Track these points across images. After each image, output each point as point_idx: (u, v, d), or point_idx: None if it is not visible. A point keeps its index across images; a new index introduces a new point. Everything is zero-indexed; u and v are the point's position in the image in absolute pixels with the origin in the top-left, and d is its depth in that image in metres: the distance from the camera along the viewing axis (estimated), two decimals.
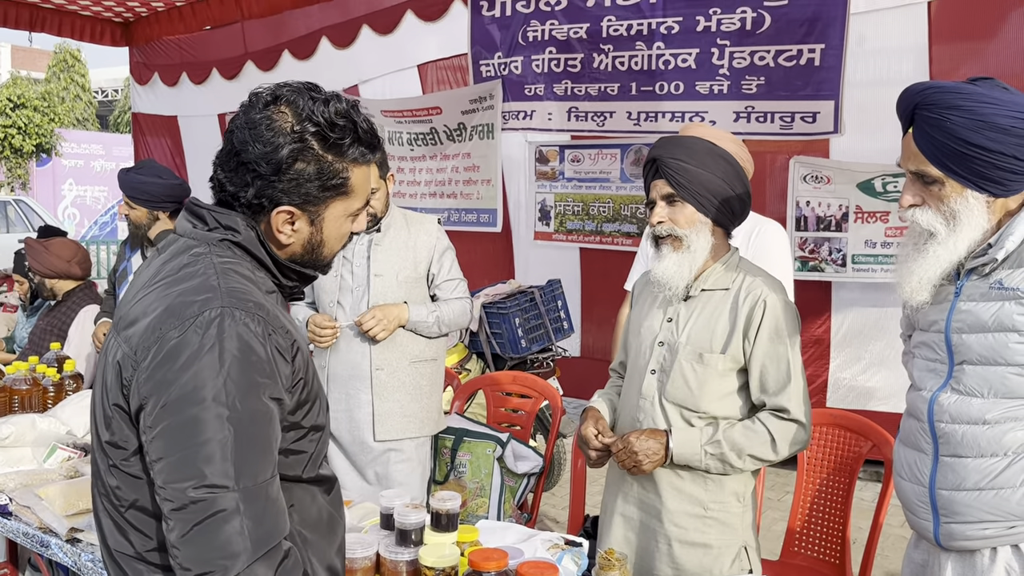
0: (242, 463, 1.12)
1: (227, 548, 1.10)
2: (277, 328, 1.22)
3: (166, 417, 1.13)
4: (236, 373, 1.14)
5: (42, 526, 2.26)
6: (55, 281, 4.08)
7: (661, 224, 2.04)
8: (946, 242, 1.67)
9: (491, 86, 5.88)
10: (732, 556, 2.07)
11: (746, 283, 2.05)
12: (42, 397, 2.92)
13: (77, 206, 20.74)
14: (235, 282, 1.24)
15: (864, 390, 5.14)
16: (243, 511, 1.11)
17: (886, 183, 4.84)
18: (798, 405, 2.00)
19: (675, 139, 2.09)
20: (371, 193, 1.45)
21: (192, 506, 1.10)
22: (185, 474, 1.10)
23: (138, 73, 8.16)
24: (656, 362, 2.10)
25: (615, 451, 2.07)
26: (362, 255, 2.94)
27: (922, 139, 1.64)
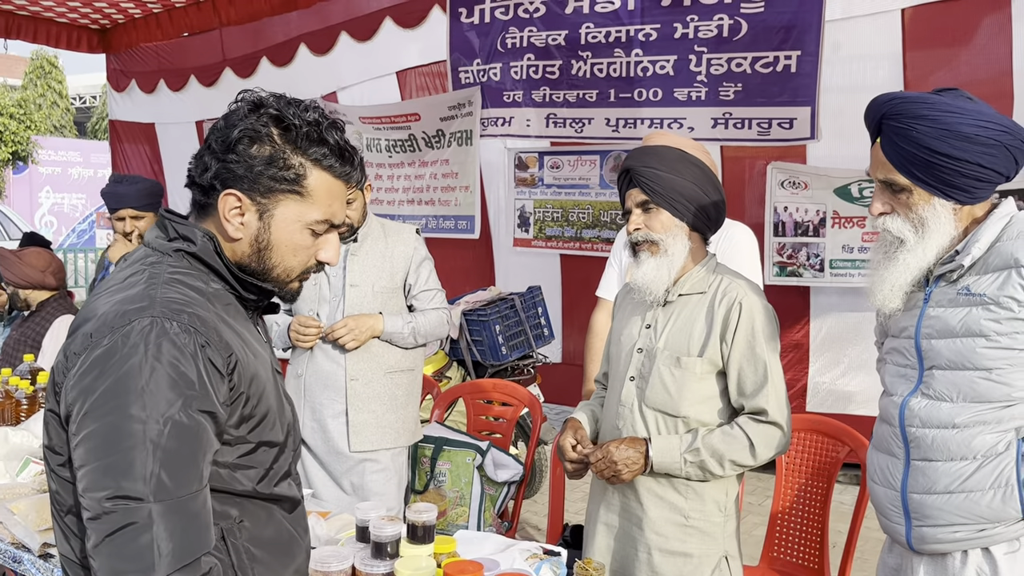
0: (162, 477, 1.10)
1: (139, 561, 1.08)
2: (213, 341, 1.19)
3: (88, 424, 1.12)
4: (161, 384, 1.12)
5: (14, 541, 2.23)
6: (29, 292, 4.04)
7: (638, 231, 2.06)
8: (915, 249, 1.70)
9: (470, 93, 5.88)
10: (712, 566, 2.06)
11: (722, 286, 2.06)
12: (15, 410, 2.88)
13: (54, 214, 20.52)
14: (176, 292, 1.22)
15: (843, 394, 5.18)
16: (157, 524, 1.09)
17: (862, 188, 4.89)
18: (777, 407, 2.00)
19: (647, 148, 2.12)
20: (338, 215, 1.36)
21: (105, 516, 1.08)
22: (101, 483, 1.09)
23: (115, 80, 8.10)
24: (635, 368, 2.11)
25: (593, 461, 2.06)
26: (339, 265, 2.93)
27: (889, 148, 1.67)
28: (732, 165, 5.25)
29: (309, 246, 1.34)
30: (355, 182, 1.36)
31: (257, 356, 1.31)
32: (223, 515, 1.26)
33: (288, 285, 1.37)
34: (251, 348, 1.30)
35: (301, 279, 1.39)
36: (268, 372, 1.35)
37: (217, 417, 1.19)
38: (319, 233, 1.34)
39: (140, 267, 1.27)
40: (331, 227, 1.36)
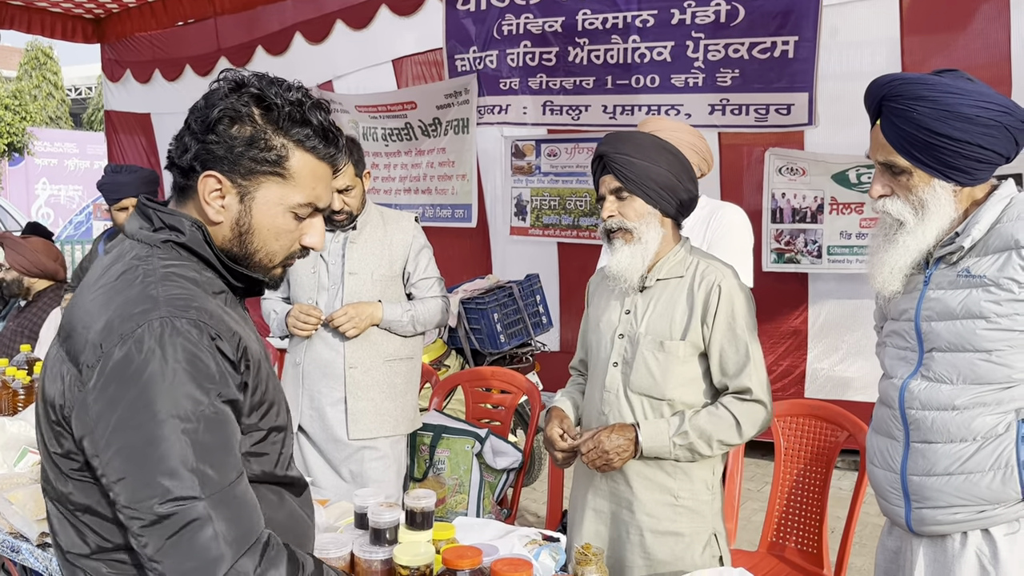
0: (205, 470, 1.10)
1: (206, 555, 1.09)
2: (223, 332, 1.18)
3: (120, 436, 1.10)
4: (184, 382, 1.11)
5: (12, 531, 2.23)
6: (33, 280, 4.04)
7: (612, 218, 2.08)
8: (915, 231, 1.70)
9: (466, 80, 5.85)
10: (703, 543, 2.10)
11: (700, 269, 2.09)
12: (12, 400, 2.88)
13: (51, 205, 20.47)
14: (176, 288, 1.20)
15: (841, 380, 5.18)
16: (215, 517, 1.09)
17: (860, 174, 4.88)
18: (759, 385, 2.05)
19: (622, 135, 2.12)
20: (322, 198, 1.33)
21: (164, 521, 1.08)
22: (150, 491, 1.09)
23: (110, 70, 8.06)
24: (618, 354, 2.13)
25: (585, 451, 2.07)
26: (337, 253, 2.93)
27: (889, 130, 1.67)
28: (729, 152, 5.23)
29: (292, 230, 1.31)
30: (340, 164, 1.33)
31: (258, 343, 1.31)
32: None
33: (271, 271, 1.34)
34: (252, 335, 1.30)
35: (284, 264, 1.36)
36: (266, 359, 1.34)
37: (238, 405, 1.19)
38: (302, 217, 1.31)
39: (132, 263, 1.24)
40: (315, 211, 1.33)
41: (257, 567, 1.11)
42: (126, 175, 3.80)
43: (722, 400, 2.07)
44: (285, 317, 2.92)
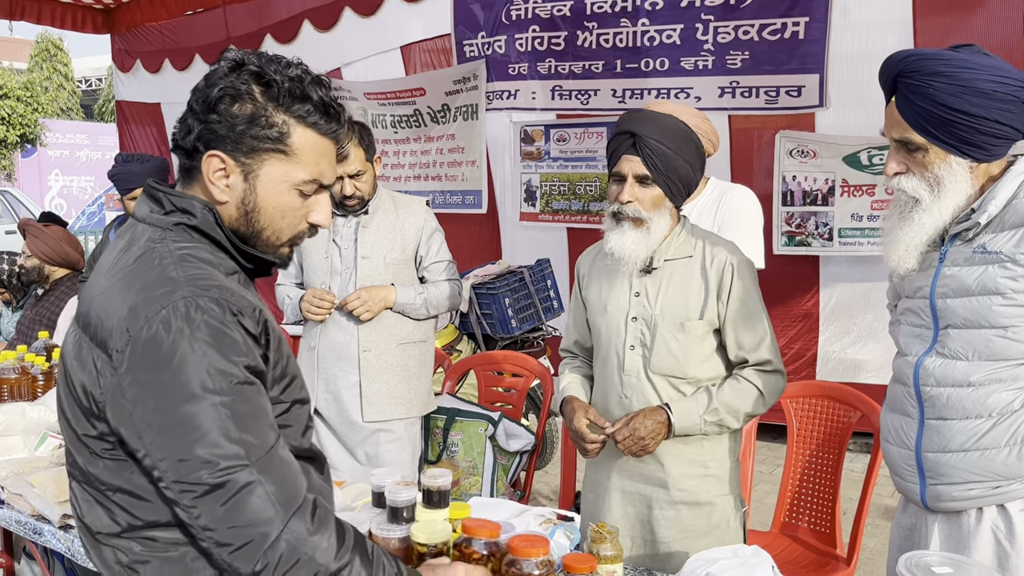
0: (246, 438, 1.13)
1: (260, 516, 1.12)
2: (244, 308, 1.20)
3: (160, 417, 1.13)
4: (214, 358, 1.13)
5: (35, 513, 2.26)
6: (53, 268, 4.08)
7: (629, 204, 2.05)
8: (931, 208, 1.69)
9: (475, 66, 5.84)
10: (732, 508, 2.15)
11: (708, 249, 2.11)
12: (31, 386, 2.91)
13: (64, 196, 20.59)
14: (194, 268, 1.21)
15: (853, 363, 5.18)
16: (263, 480, 1.13)
17: (872, 156, 4.86)
18: (776, 355, 2.11)
19: (654, 116, 2.09)
20: (327, 175, 1.33)
21: (215, 491, 1.11)
22: (196, 465, 1.11)
23: (120, 60, 8.08)
24: (634, 337, 2.13)
25: (620, 439, 2.07)
26: (350, 237, 2.94)
27: (905, 106, 1.66)
28: (740, 135, 5.22)
29: (298, 207, 1.31)
30: (343, 139, 1.34)
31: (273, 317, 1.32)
32: None
33: (279, 249, 1.35)
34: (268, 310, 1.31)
35: (292, 243, 1.36)
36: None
37: (264, 376, 1.22)
38: (308, 194, 1.31)
39: (147, 246, 1.25)
40: (320, 188, 1.33)
41: (309, 527, 1.15)
42: (138, 164, 3.82)
43: (743, 373, 2.11)
44: (299, 302, 2.95)
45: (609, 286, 2.19)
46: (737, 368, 2.13)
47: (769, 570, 1.72)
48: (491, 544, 1.55)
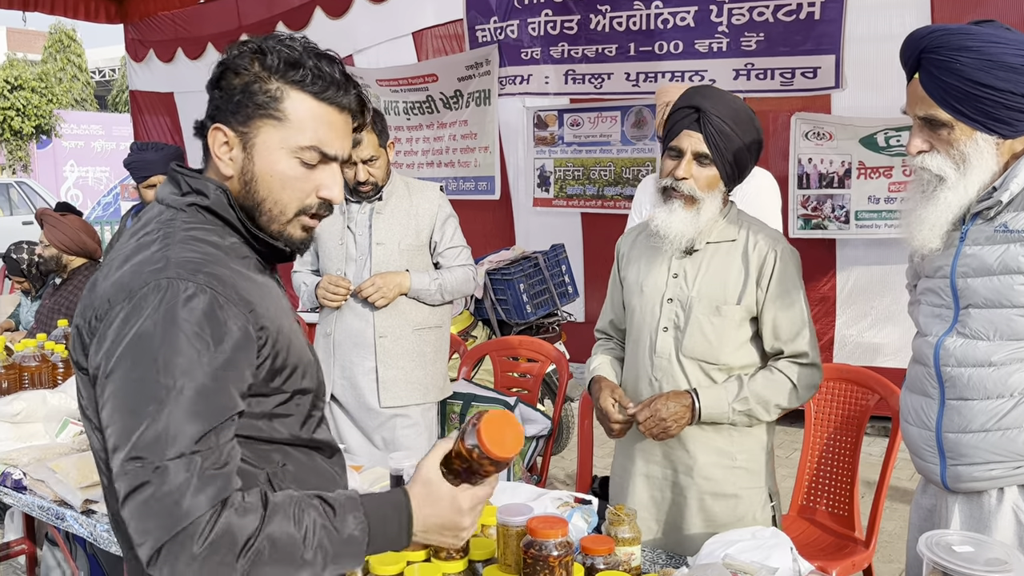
0: (181, 431, 1.09)
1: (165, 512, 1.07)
2: (232, 300, 1.18)
3: (112, 384, 1.13)
4: (178, 343, 1.12)
5: (57, 499, 2.29)
6: (71, 257, 4.11)
7: (685, 181, 1.99)
8: (956, 186, 1.66)
9: (487, 51, 5.82)
10: (760, 503, 2.11)
11: (752, 234, 2.06)
12: (51, 373, 2.95)
13: (80, 187, 20.72)
14: (192, 251, 1.20)
15: (871, 346, 5.15)
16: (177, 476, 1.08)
17: (889, 137, 4.81)
18: (814, 348, 2.05)
19: (722, 95, 2.02)
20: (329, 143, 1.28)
21: (129, 472, 1.09)
22: (122, 444, 1.10)
23: (133, 50, 8.10)
24: (668, 319, 2.08)
25: (642, 419, 2.04)
26: (364, 224, 2.95)
27: (930, 83, 1.63)
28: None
29: (299, 177, 1.28)
30: (348, 107, 1.29)
31: (280, 308, 1.30)
32: (267, 460, 1.27)
33: (286, 226, 1.30)
34: (273, 300, 1.29)
35: (304, 223, 1.31)
36: (292, 322, 1.34)
37: (239, 377, 1.17)
38: (310, 164, 1.28)
39: (156, 225, 1.26)
40: (326, 158, 1.29)
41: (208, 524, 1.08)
42: (153, 152, 3.84)
43: (777, 364, 2.05)
44: (315, 289, 2.96)
45: (648, 266, 2.14)
46: (772, 359, 2.08)
47: (788, 552, 1.72)
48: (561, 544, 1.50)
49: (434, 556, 1.71)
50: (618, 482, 2.26)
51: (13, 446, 2.57)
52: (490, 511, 1.84)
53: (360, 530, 1.15)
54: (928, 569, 1.34)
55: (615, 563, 1.68)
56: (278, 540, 1.09)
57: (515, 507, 1.68)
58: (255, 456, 1.26)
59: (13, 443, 2.58)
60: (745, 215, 2.14)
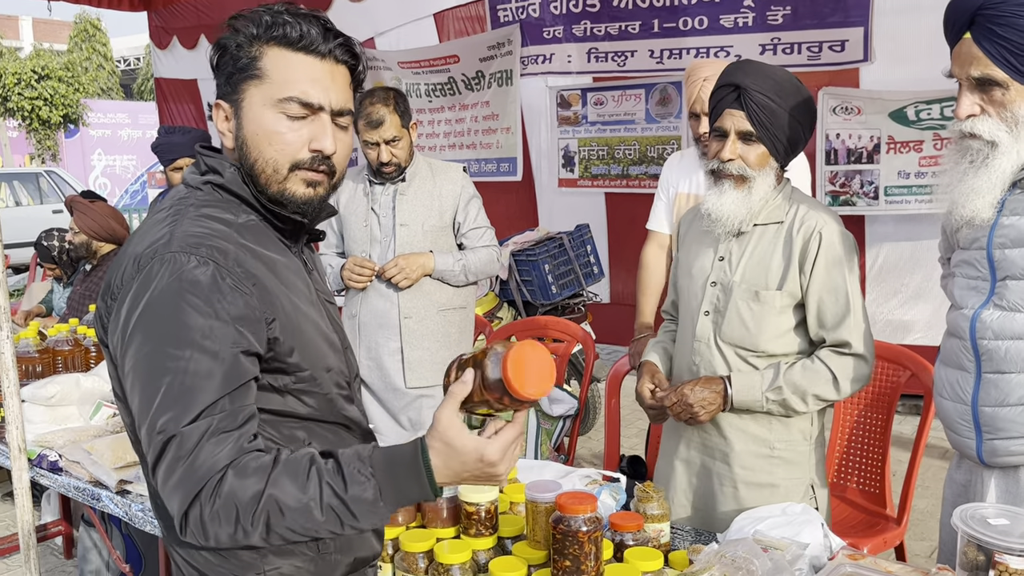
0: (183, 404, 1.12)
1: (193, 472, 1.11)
2: (235, 274, 1.19)
3: (129, 362, 1.16)
4: (181, 314, 1.14)
5: (92, 480, 2.32)
6: (100, 243, 4.16)
7: (732, 162, 1.93)
8: (1009, 151, 1.58)
9: (509, 31, 5.79)
10: (800, 495, 2.03)
11: (799, 214, 1.97)
12: (84, 357, 2.99)
13: (107, 176, 20.95)
14: (199, 226, 1.22)
15: (902, 324, 5.08)
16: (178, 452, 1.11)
17: (919, 111, 4.72)
18: (859, 338, 1.93)
19: (763, 68, 1.95)
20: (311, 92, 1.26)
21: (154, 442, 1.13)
22: (144, 415, 1.14)
23: (157, 37, 8.15)
24: (709, 303, 2.04)
25: (669, 405, 2.02)
26: (388, 205, 2.95)
27: (987, 40, 1.56)
28: None
29: (285, 131, 1.26)
30: (329, 55, 1.28)
31: (291, 285, 1.30)
32: (291, 439, 1.29)
33: (285, 184, 1.28)
34: (283, 277, 1.29)
35: (304, 178, 1.28)
36: (310, 300, 1.34)
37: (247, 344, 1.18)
38: (295, 116, 1.26)
39: (170, 203, 1.30)
40: (311, 108, 1.27)
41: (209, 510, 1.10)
42: (179, 135, 3.87)
43: (819, 353, 1.96)
44: (340, 270, 2.97)
45: (698, 248, 2.10)
46: (817, 348, 1.99)
47: (819, 528, 1.71)
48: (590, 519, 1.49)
49: (463, 533, 1.72)
50: (662, 466, 2.24)
51: (48, 429, 2.61)
52: (518, 488, 1.85)
53: (371, 492, 1.11)
54: (963, 542, 1.33)
55: (644, 539, 1.68)
56: (283, 502, 1.09)
57: (544, 484, 1.69)
58: (278, 434, 1.27)
59: (48, 426, 2.63)
60: (800, 194, 2.04)
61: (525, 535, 1.71)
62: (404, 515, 1.78)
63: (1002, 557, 1.26)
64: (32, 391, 2.64)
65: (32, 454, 2.50)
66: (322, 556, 1.33)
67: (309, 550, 1.31)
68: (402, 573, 1.67)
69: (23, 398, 2.59)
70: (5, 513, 4.06)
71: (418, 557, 1.66)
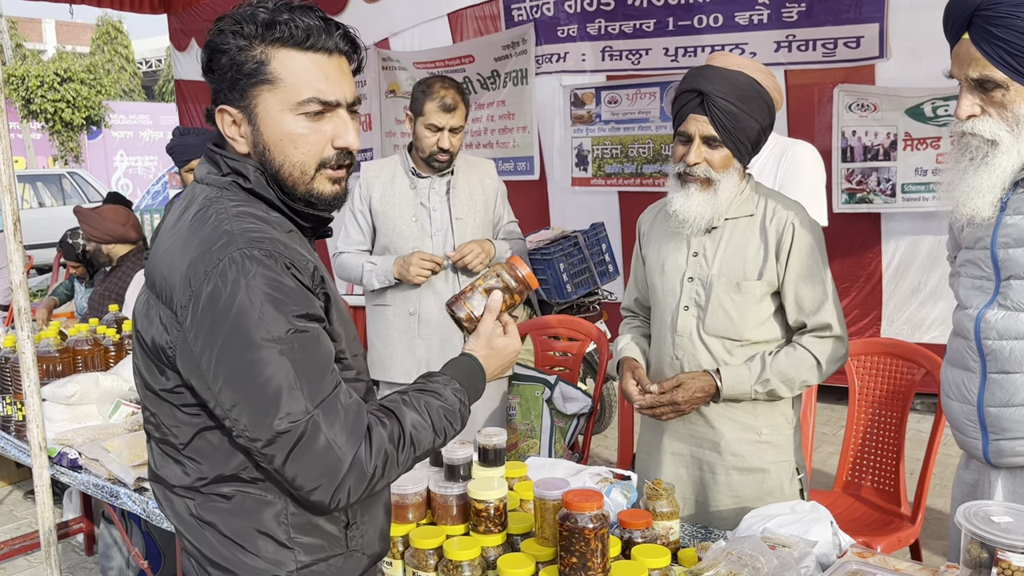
0: (307, 386, 1.18)
1: (326, 460, 1.18)
2: (297, 260, 1.22)
3: (225, 367, 1.17)
4: (272, 307, 1.17)
5: (111, 477, 2.37)
6: (112, 246, 4.20)
7: (698, 166, 2.00)
8: (1010, 150, 1.59)
9: (523, 30, 5.80)
10: (788, 476, 2.11)
11: (770, 207, 2.05)
12: (104, 356, 3.03)
13: (129, 177, 21.17)
14: (248, 223, 1.24)
15: (920, 322, 5.05)
16: (324, 427, 1.17)
17: (936, 107, 4.69)
18: (838, 320, 2.03)
19: (723, 74, 2.00)
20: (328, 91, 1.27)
21: (282, 437, 1.16)
22: (263, 412, 1.16)
23: (177, 39, 8.22)
24: (689, 298, 2.09)
25: (657, 406, 2.08)
26: (440, 199, 2.95)
27: (985, 41, 1.56)
28: (797, 91, 5.07)
29: (308, 132, 1.28)
30: (335, 50, 1.28)
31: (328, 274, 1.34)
32: None
33: (312, 184, 1.31)
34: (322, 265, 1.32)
35: (329, 175, 1.31)
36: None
37: (326, 323, 1.26)
38: (315, 117, 1.27)
39: (204, 203, 1.29)
40: (328, 106, 1.28)
41: (368, 454, 1.21)
42: (194, 137, 3.91)
43: (801, 340, 2.05)
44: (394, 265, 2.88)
45: (668, 245, 2.15)
46: (797, 334, 2.08)
47: (827, 525, 1.71)
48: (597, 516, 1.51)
49: (473, 530, 1.73)
50: (644, 459, 2.28)
51: (68, 427, 2.66)
52: (527, 486, 1.87)
53: (462, 400, 1.38)
54: (966, 540, 1.33)
55: (653, 537, 1.69)
56: (417, 427, 1.29)
57: (552, 481, 1.70)
58: None
59: (68, 424, 2.68)
60: (764, 188, 2.13)
61: (534, 532, 1.73)
62: (415, 512, 1.80)
63: (1004, 554, 1.26)
64: (52, 390, 2.69)
65: (52, 452, 2.55)
66: (350, 553, 1.35)
67: (338, 547, 1.33)
68: (412, 569, 1.69)
69: (44, 397, 2.64)
70: (27, 510, 4.13)
71: (428, 554, 1.68)
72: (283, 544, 1.28)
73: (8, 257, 2.61)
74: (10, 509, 4.19)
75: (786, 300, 2.05)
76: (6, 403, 2.83)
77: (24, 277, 2.59)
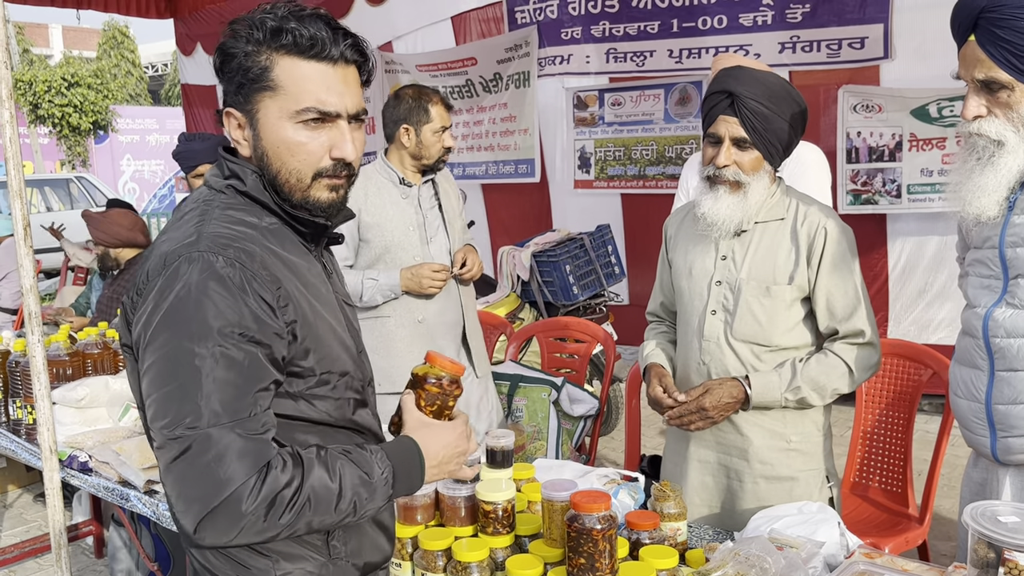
0: (214, 403, 1.14)
1: (204, 481, 1.12)
2: (260, 276, 1.20)
3: (150, 356, 1.17)
4: (207, 316, 1.15)
5: (121, 480, 2.38)
6: (120, 250, 4.22)
7: (727, 168, 1.96)
8: (1017, 150, 1.60)
9: (526, 32, 5.81)
10: (817, 485, 2.07)
11: (801, 211, 2.01)
12: (113, 360, 3.04)
13: (136, 181, 21.25)
14: (225, 228, 1.24)
15: (927, 323, 5.04)
16: (216, 446, 1.12)
17: (942, 108, 4.69)
18: (871, 326, 1.99)
19: (754, 75, 1.96)
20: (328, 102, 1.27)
21: (171, 443, 1.13)
22: (164, 413, 1.14)
23: (183, 44, 8.27)
24: (716, 302, 2.05)
25: (685, 414, 2.03)
26: (430, 203, 2.94)
27: (990, 43, 1.57)
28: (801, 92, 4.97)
29: (305, 141, 1.27)
30: (341, 59, 1.28)
31: (312, 288, 1.31)
32: (302, 443, 1.28)
33: (309, 191, 1.30)
34: (305, 281, 1.31)
35: (327, 184, 1.30)
36: (329, 304, 1.36)
37: (270, 348, 1.20)
38: (314, 126, 1.27)
39: (194, 204, 1.31)
40: (328, 116, 1.27)
41: (254, 492, 1.13)
42: (199, 142, 3.91)
43: (832, 347, 2.00)
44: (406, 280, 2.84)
45: (696, 249, 2.11)
46: (828, 340, 2.03)
47: (835, 526, 1.71)
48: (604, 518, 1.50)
49: (481, 531, 1.74)
50: (671, 467, 2.24)
51: (78, 430, 2.67)
52: (535, 488, 1.87)
53: (387, 474, 1.26)
54: (973, 540, 1.33)
55: (660, 538, 1.69)
56: (318, 490, 1.18)
57: (560, 483, 1.71)
58: (290, 438, 1.27)
59: (78, 427, 2.69)
60: (794, 191, 2.09)
61: (542, 533, 1.74)
62: (423, 514, 1.81)
63: (1011, 554, 1.26)
64: (63, 393, 2.70)
65: (63, 455, 2.56)
66: (333, 561, 1.34)
67: (320, 555, 1.32)
68: (421, 571, 1.70)
69: (54, 400, 2.65)
70: (37, 513, 4.15)
71: (437, 555, 1.69)
72: (261, 553, 1.28)
73: (19, 261, 2.63)
74: (20, 512, 4.21)
75: (817, 306, 2.00)
76: (17, 407, 2.84)
77: (35, 281, 2.61)
